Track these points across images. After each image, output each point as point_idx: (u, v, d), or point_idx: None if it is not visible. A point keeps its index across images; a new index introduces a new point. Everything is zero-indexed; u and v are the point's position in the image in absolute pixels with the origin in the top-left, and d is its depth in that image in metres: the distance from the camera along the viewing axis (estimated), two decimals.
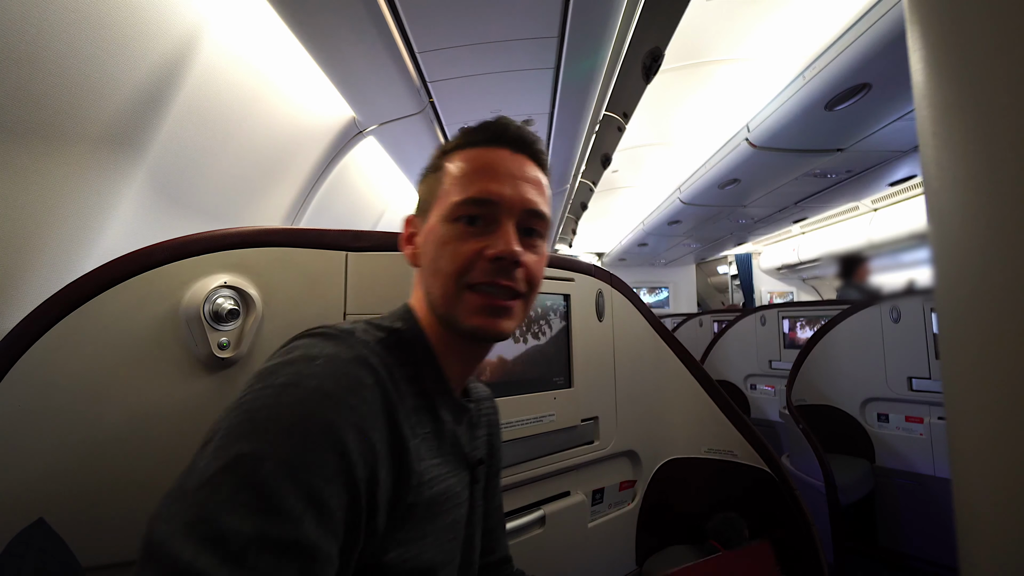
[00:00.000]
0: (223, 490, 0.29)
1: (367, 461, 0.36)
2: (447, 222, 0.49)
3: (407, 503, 0.42)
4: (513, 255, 0.47)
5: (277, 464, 0.31)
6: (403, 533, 0.42)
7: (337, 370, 0.38)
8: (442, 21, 1.32)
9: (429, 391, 0.49)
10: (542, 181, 0.53)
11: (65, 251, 0.90)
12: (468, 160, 0.51)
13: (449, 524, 0.49)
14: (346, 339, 0.42)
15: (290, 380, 0.35)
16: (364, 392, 0.38)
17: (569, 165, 2.63)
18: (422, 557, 0.43)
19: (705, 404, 1.20)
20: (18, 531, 0.48)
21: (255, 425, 0.32)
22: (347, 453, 0.34)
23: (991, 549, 0.28)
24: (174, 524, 0.28)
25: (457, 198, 0.48)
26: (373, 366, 0.41)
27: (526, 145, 0.52)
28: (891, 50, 1.67)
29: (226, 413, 0.35)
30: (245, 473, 0.30)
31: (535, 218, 0.51)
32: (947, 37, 0.30)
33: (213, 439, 0.33)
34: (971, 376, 0.30)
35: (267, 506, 0.29)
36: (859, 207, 4.41)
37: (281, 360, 0.38)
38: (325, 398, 0.35)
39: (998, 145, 0.27)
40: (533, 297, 0.53)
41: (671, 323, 4.48)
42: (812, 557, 1.04)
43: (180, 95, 1.09)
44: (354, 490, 0.34)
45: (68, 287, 0.55)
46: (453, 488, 0.50)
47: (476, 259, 0.47)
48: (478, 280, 0.47)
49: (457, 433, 0.53)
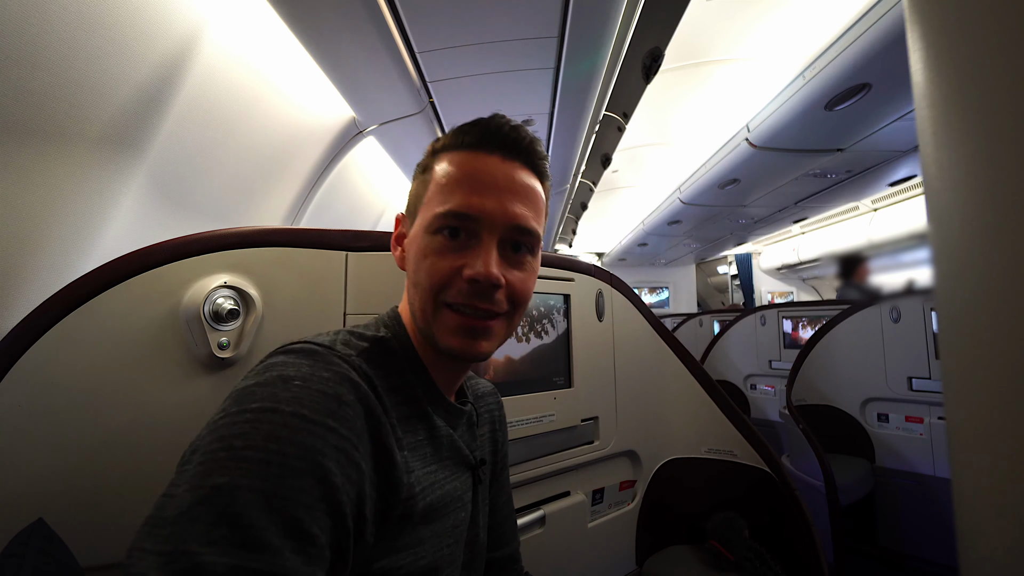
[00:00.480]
0: (200, 523, 0.29)
1: (352, 480, 0.35)
2: (427, 233, 0.46)
3: (398, 514, 0.41)
4: (490, 278, 0.44)
5: (255, 495, 0.30)
6: (398, 542, 0.41)
7: (315, 391, 0.36)
8: (442, 21, 1.32)
9: (419, 398, 0.48)
10: (536, 189, 0.49)
11: (65, 251, 0.90)
12: (455, 165, 0.47)
13: (450, 528, 0.48)
14: (324, 355, 0.41)
15: (266, 405, 0.34)
16: (344, 411, 0.37)
17: (569, 165, 2.63)
18: (419, 563, 0.43)
19: (705, 404, 1.20)
20: (17, 531, 0.48)
21: (232, 454, 0.32)
22: (328, 477, 0.33)
23: (991, 549, 0.28)
24: (151, 558, 0.28)
25: (438, 209, 0.46)
26: (354, 381, 0.40)
27: (519, 150, 0.48)
28: (891, 50, 1.67)
29: (205, 432, 0.34)
30: (222, 506, 0.29)
31: (522, 234, 0.47)
32: (947, 37, 0.30)
33: (191, 463, 0.33)
34: (971, 376, 0.30)
35: (244, 539, 0.29)
36: (859, 207, 4.41)
37: (256, 381, 0.37)
38: (304, 423, 0.34)
39: (998, 145, 0.27)
40: (519, 314, 0.50)
41: (671, 323, 4.48)
42: (812, 557, 1.04)
43: (180, 95, 1.09)
44: (338, 513, 0.34)
45: (68, 287, 0.55)
46: (454, 492, 0.50)
47: (454, 277, 0.45)
48: (454, 300, 0.45)
49: (455, 436, 0.52)
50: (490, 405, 0.66)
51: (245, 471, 0.31)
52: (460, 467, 0.52)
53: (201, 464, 0.32)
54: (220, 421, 0.34)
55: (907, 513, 2.08)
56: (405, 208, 0.53)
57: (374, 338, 0.48)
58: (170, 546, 0.28)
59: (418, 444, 0.46)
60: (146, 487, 0.55)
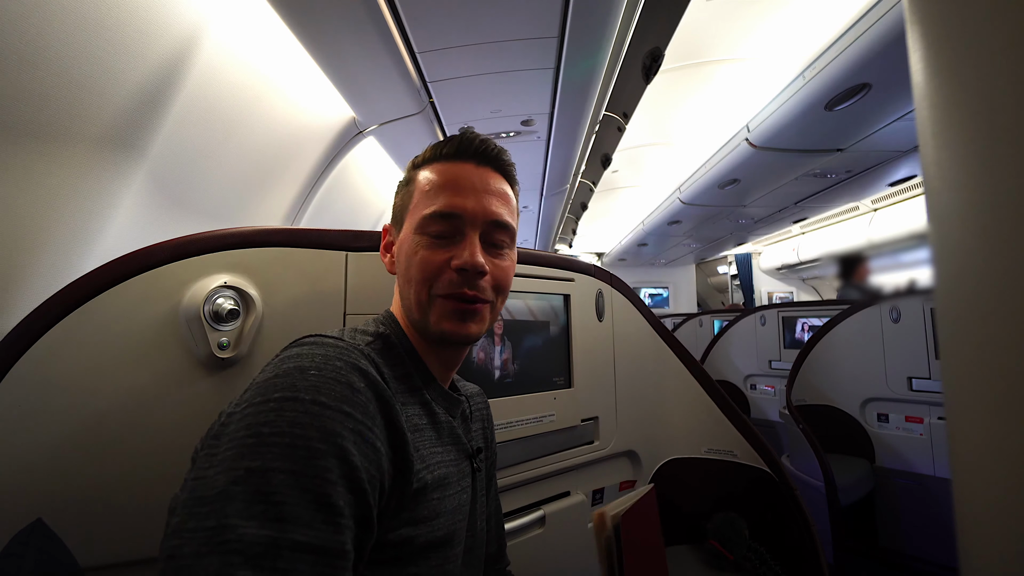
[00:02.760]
0: (238, 501, 0.32)
1: (370, 459, 0.39)
2: (417, 234, 0.52)
3: (413, 488, 0.45)
4: (476, 266, 0.50)
5: (285, 476, 0.33)
6: (416, 513, 0.45)
7: (330, 379, 0.40)
8: (442, 21, 1.32)
9: (419, 387, 0.52)
10: (506, 192, 0.56)
11: (65, 251, 0.90)
12: (436, 173, 0.54)
13: (457, 507, 0.52)
14: (336, 345, 0.44)
15: (287, 395, 0.37)
16: (357, 397, 0.40)
17: (569, 165, 2.63)
18: (436, 533, 0.47)
19: (705, 404, 1.20)
20: (17, 531, 0.48)
21: (260, 440, 0.35)
22: (348, 457, 0.36)
23: (991, 549, 0.28)
24: (198, 535, 0.31)
25: (426, 211, 0.52)
26: (363, 369, 0.43)
27: (490, 158, 0.55)
28: (891, 50, 1.67)
29: (230, 422, 0.37)
30: (256, 485, 0.32)
31: (499, 228, 0.54)
32: (947, 37, 0.30)
33: (218, 449, 0.35)
34: (971, 376, 0.29)
35: (279, 514, 0.32)
36: (859, 207, 4.40)
37: (276, 373, 0.40)
38: (323, 409, 0.37)
39: (998, 145, 0.27)
40: (502, 301, 0.56)
41: (671, 323, 4.48)
42: (812, 557, 1.04)
43: (180, 95, 1.09)
44: (359, 489, 0.37)
45: (68, 287, 0.55)
46: (457, 474, 0.53)
47: (443, 269, 0.51)
48: (445, 291, 0.51)
49: (454, 424, 0.56)
50: (479, 405, 0.69)
51: (275, 455, 0.34)
52: (460, 454, 0.55)
53: (231, 450, 0.35)
54: (246, 411, 0.37)
55: (907, 513, 2.08)
56: (391, 219, 0.59)
57: (376, 333, 0.52)
58: (213, 521, 0.31)
59: (423, 427, 0.50)
60: (146, 487, 0.55)
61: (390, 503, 0.42)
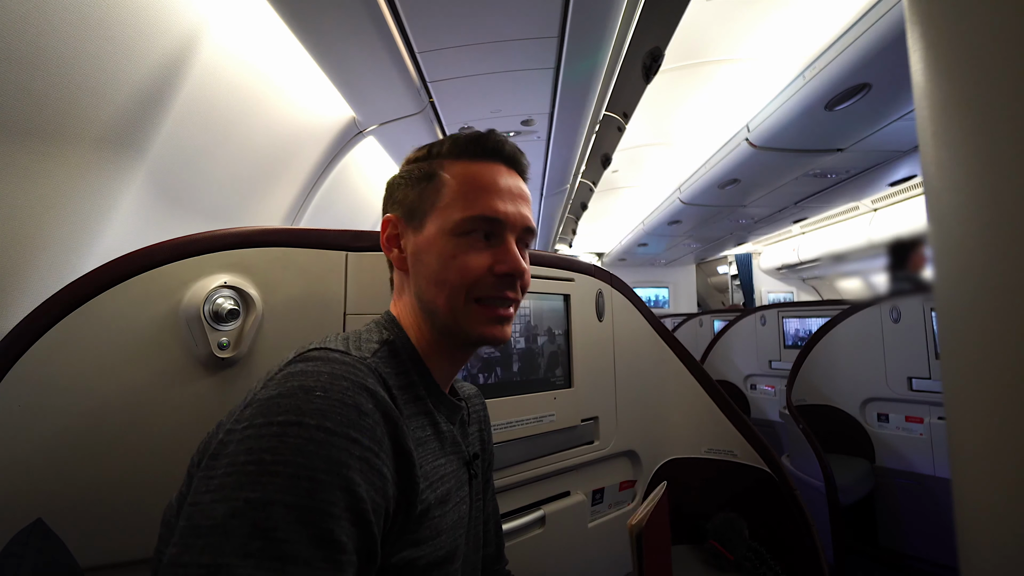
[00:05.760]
0: (235, 536, 0.30)
1: (376, 487, 0.37)
2: (453, 236, 0.50)
3: (418, 511, 0.44)
4: (522, 272, 0.51)
5: (286, 510, 0.32)
6: (418, 534, 0.44)
7: (335, 401, 0.38)
8: (442, 21, 1.32)
9: (423, 396, 0.51)
10: (529, 195, 0.57)
11: (65, 251, 0.90)
12: (472, 175, 0.52)
13: (457, 520, 0.51)
14: (341, 360, 0.42)
15: (291, 419, 0.35)
16: (364, 420, 0.39)
17: (569, 165, 2.63)
18: (438, 553, 0.46)
19: (705, 404, 1.20)
20: (17, 531, 0.48)
21: (262, 468, 0.33)
22: (353, 488, 0.35)
23: (991, 549, 0.28)
24: (193, 570, 0.30)
25: (466, 214, 0.50)
26: (371, 389, 0.41)
27: (518, 163, 0.56)
28: (891, 50, 1.67)
29: (229, 440, 0.36)
30: (255, 520, 0.31)
31: (529, 234, 0.55)
32: (947, 37, 0.30)
33: (216, 471, 0.34)
34: (971, 376, 0.29)
35: (278, 552, 0.30)
36: (859, 207, 4.40)
37: (279, 391, 0.38)
38: (329, 435, 0.35)
39: (998, 145, 0.27)
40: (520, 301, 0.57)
41: (671, 323, 4.48)
42: (812, 557, 1.04)
43: (180, 95, 1.09)
44: (363, 521, 0.35)
45: (68, 287, 0.55)
46: (455, 485, 0.52)
47: (485, 274, 0.50)
48: (486, 293, 0.51)
49: (455, 431, 0.55)
50: (477, 406, 0.69)
51: (277, 486, 0.32)
52: (458, 462, 0.55)
53: (229, 475, 0.33)
54: (247, 431, 0.35)
55: (907, 513, 2.08)
56: (400, 211, 0.55)
57: (381, 340, 0.51)
58: (208, 558, 0.30)
59: (426, 439, 0.49)
60: (146, 487, 0.55)
61: (393, 527, 0.41)
